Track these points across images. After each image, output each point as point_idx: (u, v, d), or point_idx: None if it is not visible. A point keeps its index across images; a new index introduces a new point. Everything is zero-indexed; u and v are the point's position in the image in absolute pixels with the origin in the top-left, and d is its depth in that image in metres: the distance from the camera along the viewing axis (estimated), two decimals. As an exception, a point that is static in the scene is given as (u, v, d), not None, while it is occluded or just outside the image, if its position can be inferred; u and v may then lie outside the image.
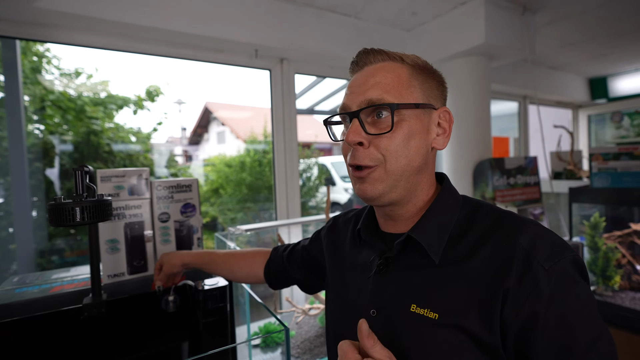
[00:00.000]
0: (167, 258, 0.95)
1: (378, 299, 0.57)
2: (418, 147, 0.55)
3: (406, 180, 0.56)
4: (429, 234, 0.55)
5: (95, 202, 0.65)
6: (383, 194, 0.55)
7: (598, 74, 3.59)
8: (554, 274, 0.47)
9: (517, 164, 2.13)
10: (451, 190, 0.61)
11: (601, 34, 2.43)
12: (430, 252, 0.53)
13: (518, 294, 0.46)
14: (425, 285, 0.53)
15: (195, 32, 1.47)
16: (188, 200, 1.13)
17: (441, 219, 0.57)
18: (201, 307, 0.94)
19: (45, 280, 1.04)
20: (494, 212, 0.56)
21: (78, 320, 0.84)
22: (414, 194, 0.58)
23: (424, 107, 0.56)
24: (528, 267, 0.47)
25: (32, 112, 2.38)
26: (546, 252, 0.48)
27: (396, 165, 0.54)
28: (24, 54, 2.35)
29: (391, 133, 0.54)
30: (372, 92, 0.54)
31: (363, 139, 0.54)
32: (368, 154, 0.55)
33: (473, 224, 0.55)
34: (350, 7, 1.84)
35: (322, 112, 3.87)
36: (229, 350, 0.97)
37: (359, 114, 0.55)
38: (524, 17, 1.98)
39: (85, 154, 2.64)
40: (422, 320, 0.51)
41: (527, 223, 0.52)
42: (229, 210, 4.11)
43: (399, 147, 0.54)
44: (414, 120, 0.55)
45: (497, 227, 0.53)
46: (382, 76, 0.55)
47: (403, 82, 0.55)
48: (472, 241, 0.53)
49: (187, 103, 5.15)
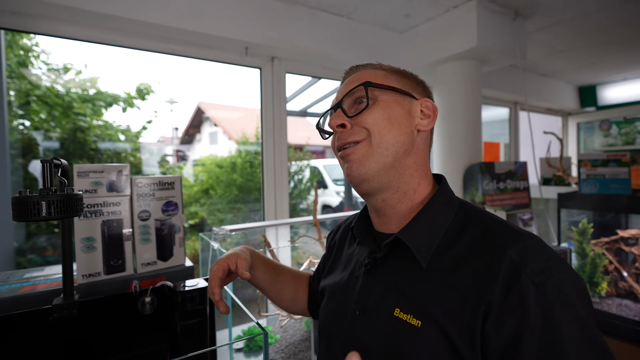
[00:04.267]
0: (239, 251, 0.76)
1: (363, 299, 0.56)
2: (401, 125, 0.57)
3: (393, 158, 0.56)
4: (418, 237, 0.53)
5: (63, 196, 0.62)
6: (371, 173, 0.55)
7: (587, 82, 3.64)
8: (546, 291, 0.42)
9: (507, 168, 2.13)
10: (447, 193, 0.59)
11: (591, 42, 2.46)
12: (418, 256, 0.52)
13: (502, 309, 0.43)
14: (410, 290, 0.51)
15: (183, 27, 1.44)
16: (170, 199, 1.10)
17: (433, 222, 0.55)
18: (180, 309, 0.91)
19: (18, 279, 1.00)
20: (487, 220, 0.53)
21: (47, 322, 0.80)
22: (402, 179, 0.57)
23: (402, 93, 0.59)
24: (515, 280, 0.43)
25: (16, 107, 2.32)
26: (538, 266, 0.44)
27: (380, 139, 0.55)
28: (10, 47, 2.29)
29: (368, 108, 0.57)
30: (353, 85, 0.59)
31: (344, 120, 0.58)
32: (352, 132, 0.58)
33: (465, 232, 0.53)
34: (342, 7, 1.83)
35: (315, 114, 3.85)
36: (208, 353, 0.94)
37: (340, 104, 0.59)
38: (516, 22, 1.99)
39: (71, 151, 2.58)
40: (404, 326, 0.49)
41: (521, 234, 0.49)
42: (219, 211, 4.06)
43: (380, 120, 0.56)
44: (392, 102, 0.58)
45: (488, 236, 0.50)
46: (364, 74, 0.61)
47: (379, 76, 0.60)
48: (461, 249, 0.51)
49: (180, 102, 5.10)
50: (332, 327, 0.62)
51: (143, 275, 1.02)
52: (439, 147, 2.17)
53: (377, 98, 0.57)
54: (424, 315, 0.48)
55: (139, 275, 1.02)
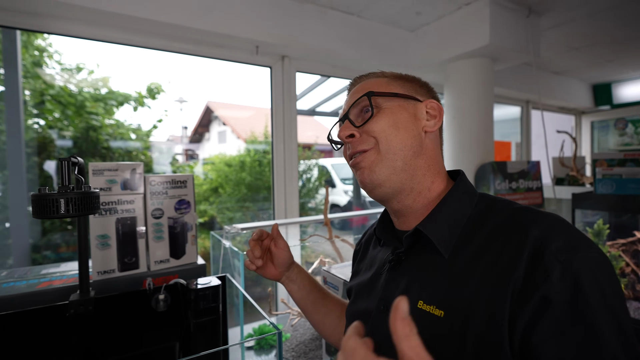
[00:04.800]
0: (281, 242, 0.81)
1: (387, 294, 0.57)
2: (407, 129, 0.58)
3: (403, 162, 0.57)
4: (438, 228, 0.54)
5: (81, 194, 0.63)
6: (382, 179, 0.57)
7: (602, 80, 3.56)
8: (571, 268, 0.41)
9: (519, 168, 2.10)
10: (466, 185, 0.60)
11: (606, 39, 2.41)
12: (439, 246, 0.52)
13: (526, 287, 0.42)
14: (433, 281, 0.52)
15: (195, 25, 1.45)
16: (183, 197, 1.11)
17: (453, 213, 0.55)
18: (193, 307, 0.91)
19: (35, 275, 1.02)
20: (509, 207, 0.53)
21: (64, 317, 0.81)
22: (415, 179, 0.58)
23: (405, 97, 0.60)
24: (539, 259, 0.43)
25: (32, 106, 2.36)
26: (563, 243, 0.43)
27: (387, 145, 0.57)
28: (25, 47, 2.33)
29: (374, 117, 0.58)
30: (357, 96, 0.61)
31: (353, 131, 0.60)
32: (360, 141, 0.60)
33: (487, 220, 0.53)
34: (353, 5, 1.82)
35: (324, 113, 3.85)
36: (221, 352, 0.94)
37: (347, 115, 0.61)
38: (529, 19, 1.95)
39: (84, 149, 2.63)
40: (428, 317, 0.49)
41: (544, 215, 0.48)
42: (228, 210, 4.09)
43: (387, 127, 0.57)
44: (397, 108, 0.59)
45: (511, 221, 0.50)
46: (367, 84, 0.63)
47: (382, 84, 0.62)
48: (483, 237, 0.50)
49: (189, 102, 5.14)
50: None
51: (156, 273, 1.03)
52: (450, 146, 2.15)
53: (382, 106, 0.59)
54: (446, 305, 0.48)
55: (152, 272, 1.03)
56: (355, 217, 2.12)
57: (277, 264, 0.81)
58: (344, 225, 4.30)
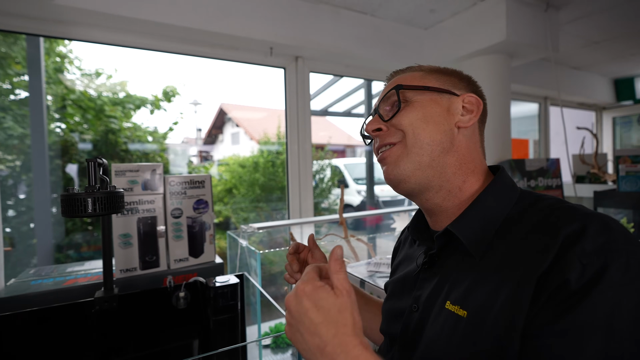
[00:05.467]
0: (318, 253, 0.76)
1: (420, 294, 0.56)
2: (438, 124, 0.56)
3: (430, 158, 0.55)
4: (470, 228, 0.52)
5: (107, 193, 0.65)
6: (407, 175, 0.56)
7: (624, 74, 3.45)
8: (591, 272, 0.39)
9: (538, 165, 2.05)
10: (505, 182, 0.56)
11: (627, 32, 2.33)
12: (470, 247, 0.51)
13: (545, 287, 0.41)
14: (460, 281, 0.50)
15: (211, 29, 1.47)
16: (201, 197, 1.13)
17: (487, 213, 0.53)
18: (212, 305, 0.93)
19: (60, 273, 1.05)
20: (551, 206, 0.49)
21: (90, 313, 0.84)
22: (444, 177, 0.56)
23: (439, 91, 0.58)
24: (562, 258, 0.41)
25: (53, 110, 2.44)
26: (591, 246, 0.41)
27: (414, 139, 0.55)
28: (48, 54, 2.42)
29: (402, 110, 0.57)
30: (386, 90, 0.61)
31: (381, 124, 0.59)
32: (387, 134, 0.59)
33: (523, 220, 0.50)
34: (366, 4, 1.81)
35: (336, 113, 3.85)
36: (239, 348, 0.96)
37: (377, 109, 0.61)
38: (547, 13, 1.91)
39: (103, 152, 2.70)
40: (452, 317, 0.48)
41: (586, 215, 0.45)
42: (242, 210, 4.13)
43: (415, 120, 0.56)
44: (428, 102, 0.57)
45: (547, 221, 0.47)
46: (401, 78, 0.61)
47: (416, 77, 0.60)
48: (517, 238, 0.48)
49: (203, 104, 5.23)
50: (390, 325, 0.63)
51: (176, 271, 1.05)
52: (466, 145, 2.12)
53: (411, 99, 0.58)
54: (469, 306, 0.47)
55: (172, 271, 1.05)
56: (369, 216, 2.12)
57: None
58: (358, 225, 4.29)
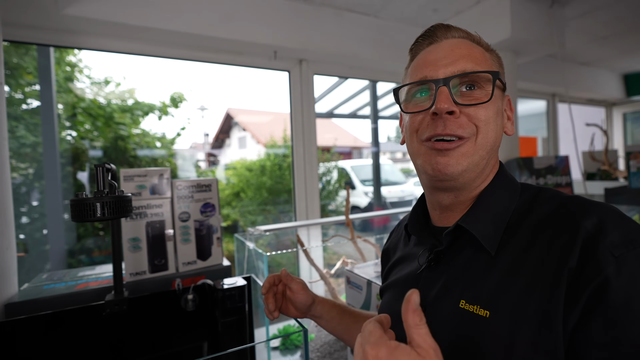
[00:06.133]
0: (295, 286, 0.76)
1: (425, 294, 0.53)
2: (498, 125, 0.53)
3: (485, 160, 0.52)
4: (482, 223, 0.49)
5: (115, 198, 0.66)
6: (466, 170, 0.50)
7: (634, 69, 3.39)
8: (627, 263, 0.38)
9: (547, 163, 2.03)
10: (508, 176, 0.55)
11: (635, 26, 2.30)
12: (485, 242, 0.48)
13: (578, 283, 0.39)
14: (476, 279, 0.48)
15: (215, 34, 1.49)
16: (208, 200, 1.14)
17: (497, 206, 0.51)
18: (220, 307, 0.94)
19: (72, 277, 1.07)
20: (556, 197, 0.49)
21: (100, 316, 0.86)
22: (481, 177, 0.53)
23: (504, 88, 0.55)
24: (592, 253, 0.39)
25: (64, 119, 2.50)
26: (618, 237, 0.40)
27: (486, 139, 0.51)
28: (58, 64, 2.48)
29: (488, 103, 0.50)
30: (464, 63, 0.51)
31: (455, 107, 0.49)
32: (460, 124, 0.50)
33: (532, 211, 0.48)
34: (369, 6, 1.82)
35: (342, 115, 3.86)
36: (247, 350, 0.96)
37: (448, 82, 0.50)
38: (553, 9, 1.89)
39: (113, 158, 2.75)
40: (471, 317, 0.45)
41: (597, 205, 0.44)
42: (250, 214, 4.15)
43: (492, 119, 0.51)
44: (498, 97, 0.53)
45: (560, 211, 0.46)
46: (470, 50, 0.52)
47: (487, 60, 0.53)
48: (530, 229, 0.46)
49: (210, 109, 5.29)
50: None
51: (184, 274, 1.07)
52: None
53: (494, 92, 0.51)
54: (492, 305, 0.44)
55: (181, 274, 1.07)
56: (376, 217, 2.11)
57: (297, 307, 0.77)
58: (365, 226, 4.29)
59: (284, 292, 0.77)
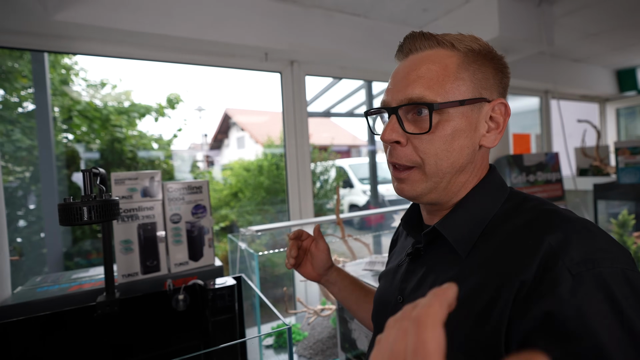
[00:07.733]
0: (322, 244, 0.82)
1: (405, 286, 0.58)
2: (462, 147, 0.51)
3: (447, 182, 0.53)
4: (457, 227, 0.52)
5: (102, 201, 0.68)
6: (422, 194, 0.54)
7: (626, 65, 3.41)
8: (584, 283, 0.37)
9: (536, 160, 2.05)
10: (495, 182, 0.56)
11: (626, 22, 2.31)
12: (456, 246, 0.51)
13: (531, 295, 0.40)
14: (444, 274, 0.51)
15: (206, 37, 1.51)
16: (199, 202, 1.16)
17: (475, 212, 0.53)
18: (210, 306, 0.96)
19: (66, 279, 1.09)
20: (535, 208, 0.49)
21: (93, 317, 0.88)
22: (456, 194, 0.55)
23: (472, 102, 0.50)
24: (550, 268, 0.40)
25: (61, 122, 2.51)
26: (579, 255, 0.40)
27: (436, 167, 0.51)
28: (53, 67, 2.49)
29: (430, 134, 0.50)
30: (413, 89, 0.50)
31: (400, 137, 0.52)
32: (405, 154, 0.52)
33: (508, 220, 0.50)
34: (358, 6, 1.83)
35: (339, 114, 3.87)
36: (238, 347, 0.99)
37: (397, 111, 0.52)
38: (541, 8, 1.91)
39: (110, 160, 2.76)
40: None
41: (570, 221, 0.44)
42: (248, 214, 4.17)
43: (439, 149, 0.51)
44: (458, 118, 0.50)
45: (530, 224, 0.47)
46: (426, 69, 0.51)
47: (449, 75, 0.50)
48: (501, 238, 0.48)
49: (208, 110, 5.30)
50: (379, 314, 0.65)
51: (176, 275, 1.09)
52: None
53: (443, 118, 0.50)
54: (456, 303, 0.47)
55: (173, 274, 1.09)
56: (369, 215, 2.13)
57: (315, 265, 0.82)
58: (363, 224, 4.30)
59: (307, 250, 0.82)
